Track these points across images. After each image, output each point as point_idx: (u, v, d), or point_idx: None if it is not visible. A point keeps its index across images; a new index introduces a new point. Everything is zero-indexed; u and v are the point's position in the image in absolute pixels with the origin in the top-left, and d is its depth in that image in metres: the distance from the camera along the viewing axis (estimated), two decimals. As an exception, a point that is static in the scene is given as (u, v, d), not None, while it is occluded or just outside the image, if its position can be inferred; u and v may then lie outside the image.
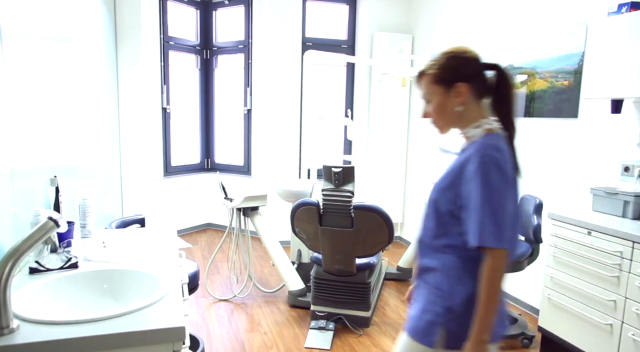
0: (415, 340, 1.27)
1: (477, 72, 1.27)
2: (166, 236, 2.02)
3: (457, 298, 1.23)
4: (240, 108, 5.12)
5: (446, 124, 1.31)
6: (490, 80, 1.28)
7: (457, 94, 1.25)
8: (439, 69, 1.27)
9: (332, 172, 2.75)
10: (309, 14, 4.87)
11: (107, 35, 3.96)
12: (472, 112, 1.27)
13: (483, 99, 1.28)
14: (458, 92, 1.25)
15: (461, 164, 1.23)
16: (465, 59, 1.27)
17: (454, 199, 1.23)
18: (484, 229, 1.15)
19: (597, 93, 2.49)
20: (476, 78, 1.26)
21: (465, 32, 3.98)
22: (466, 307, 1.22)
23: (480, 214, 1.16)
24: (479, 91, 1.27)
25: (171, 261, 1.65)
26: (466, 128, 1.28)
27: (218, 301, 3.39)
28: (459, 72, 1.25)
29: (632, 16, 2.30)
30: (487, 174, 1.16)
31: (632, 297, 2.15)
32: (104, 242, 1.81)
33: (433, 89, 1.29)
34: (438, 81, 1.27)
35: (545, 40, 3.14)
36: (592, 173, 2.85)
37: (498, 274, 1.16)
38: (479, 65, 1.27)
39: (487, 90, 1.28)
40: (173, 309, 1.26)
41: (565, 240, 2.50)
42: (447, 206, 1.24)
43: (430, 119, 1.33)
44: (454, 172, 1.25)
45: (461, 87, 1.24)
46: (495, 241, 1.15)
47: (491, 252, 1.16)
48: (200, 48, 5.19)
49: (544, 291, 2.64)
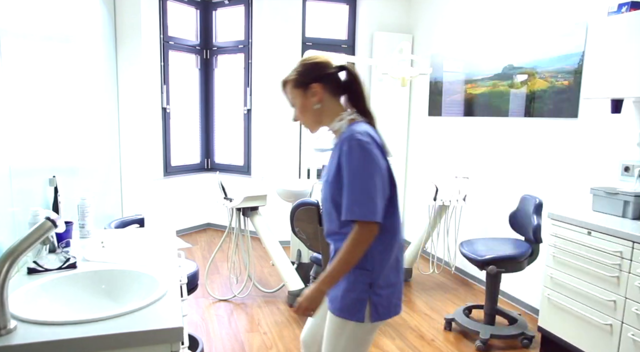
0: (345, 318, 1.40)
1: (328, 73, 1.44)
2: (165, 236, 2.02)
3: (378, 274, 1.40)
4: (240, 108, 5.12)
5: (312, 122, 1.49)
6: (342, 79, 1.46)
7: (313, 93, 1.44)
8: (296, 75, 1.47)
9: (332, 172, 2.74)
10: (309, 13, 4.86)
11: (107, 35, 3.95)
12: (331, 108, 1.46)
13: (340, 97, 1.46)
14: (314, 92, 1.44)
15: (338, 156, 1.38)
16: (316, 64, 1.46)
17: (343, 188, 1.36)
18: (354, 204, 1.31)
19: (597, 93, 2.48)
20: (328, 78, 1.44)
21: (465, 31, 3.97)
22: (386, 281, 1.41)
23: (350, 191, 1.32)
24: (333, 89, 1.45)
25: (170, 261, 1.65)
26: (331, 123, 1.46)
27: (218, 301, 3.39)
28: (312, 74, 1.44)
29: (632, 16, 2.29)
30: (354, 156, 1.32)
31: (632, 297, 2.14)
32: (103, 243, 1.80)
33: (294, 93, 1.48)
34: (296, 85, 1.46)
35: (545, 40, 3.13)
36: (592, 173, 2.85)
37: (361, 246, 1.32)
38: (328, 68, 1.45)
39: (342, 88, 1.46)
40: (171, 309, 1.26)
41: (565, 240, 2.49)
42: (341, 196, 1.37)
43: (299, 121, 1.51)
44: (334, 164, 1.40)
45: (315, 87, 1.43)
46: (362, 215, 1.30)
47: (359, 224, 1.32)
48: (200, 48, 5.19)
49: (544, 291, 2.63)
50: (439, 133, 4.36)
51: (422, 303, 3.43)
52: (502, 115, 3.54)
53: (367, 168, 1.32)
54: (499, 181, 3.60)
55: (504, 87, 3.52)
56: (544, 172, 3.20)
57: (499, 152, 3.61)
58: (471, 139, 3.92)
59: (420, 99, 4.67)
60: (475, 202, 3.86)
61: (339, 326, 1.43)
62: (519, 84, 3.37)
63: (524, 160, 3.36)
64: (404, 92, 4.82)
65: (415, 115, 4.77)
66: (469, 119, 3.93)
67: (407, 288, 3.72)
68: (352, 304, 1.39)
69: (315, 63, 1.46)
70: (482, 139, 3.79)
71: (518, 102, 3.39)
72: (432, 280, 3.92)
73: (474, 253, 2.80)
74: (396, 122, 4.85)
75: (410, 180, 4.92)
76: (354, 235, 1.32)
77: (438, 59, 4.31)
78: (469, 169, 3.94)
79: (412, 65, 4.29)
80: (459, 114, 4.05)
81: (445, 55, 4.20)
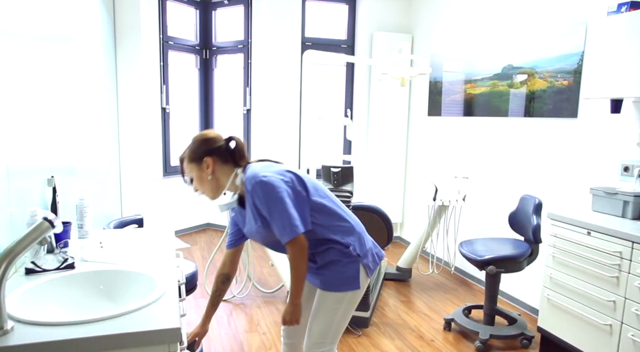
0: (346, 290, 1.66)
1: (217, 147, 1.63)
2: (163, 236, 2.02)
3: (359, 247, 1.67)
4: (239, 108, 5.12)
5: (210, 191, 1.66)
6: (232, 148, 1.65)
7: (207, 166, 1.61)
8: (190, 152, 1.64)
9: (331, 172, 2.74)
10: (309, 13, 4.86)
11: (106, 35, 3.95)
12: (225, 173, 1.64)
13: (231, 162, 1.64)
14: (207, 164, 1.61)
15: (252, 202, 1.57)
16: (206, 139, 1.64)
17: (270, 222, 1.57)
18: (282, 230, 1.52)
19: (596, 93, 2.48)
20: (217, 151, 1.63)
21: (464, 31, 3.97)
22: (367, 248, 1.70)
23: (274, 221, 1.53)
24: (224, 158, 1.63)
25: (168, 262, 1.64)
26: (230, 184, 1.64)
27: (217, 301, 3.38)
28: (203, 149, 1.62)
29: (631, 15, 2.29)
30: (261, 193, 1.52)
31: (632, 297, 2.14)
32: (101, 243, 1.80)
33: (191, 168, 1.64)
34: (191, 161, 1.63)
35: (545, 39, 3.13)
36: (592, 173, 2.85)
37: (300, 259, 1.56)
38: (217, 142, 1.64)
39: (230, 154, 1.64)
40: (169, 310, 1.26)
41: (565, 240, 2.49)
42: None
43: (199, 192, 1.68)
44: (254, 210, 1.58)
45: (207, 160, 1.61)
46: (289, 236, 1.52)
47: (290, 243, 1.53)
48: (199, 48, 5.19)
49: (544, 291, 2.63)
50: (439, 133, 4.36)
51: (421, 303, 3.43)
52: (502, 115, 3.54)
53: (274, 196, 1.51)
54: (499, 181, 3.60)
55: (504, 87, 3.51)
56: (544, 172, 3.19)
57: (498, 152, 3.60)
58: (471, 139, 3.91)
59: (419, 99, 4.67)
60: (474, 202, 3.86)
61: (337, 299, 1.67)
62: (518, 84, 3.37)
63: (524, 160, 3.36)
64: (404, 92, 4.82)
65: (415, 115, 4.77)
66: (469, 119, 3.93)
67: (407, 288, 3.72)
68: (350, 276, 1.65)
69: (205, 139, 1.63)
70: (481, 139, 3.79)
71: (517, 102, 3.39)
72: (431, 280, 3.91)
73: (474, 253, 2.80)
74: (396, 122, 4.85)
75: (409, 180, 4.91)
76: (290, 253, 1.56)
77: (438, 59, 4.30)
78: (468, 169, 3.94)
79: (412, 65, 4.28)
80: (459, 114, 4.04)
81: (445, 55, 4.20)
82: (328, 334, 1.70)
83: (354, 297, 1.70)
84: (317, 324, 1.70)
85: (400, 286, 3.77)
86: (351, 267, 1.66)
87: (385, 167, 4.90)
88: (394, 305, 3.39)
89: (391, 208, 4.93)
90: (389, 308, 3.33)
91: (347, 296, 1.68)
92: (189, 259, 4.29)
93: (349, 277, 1.66)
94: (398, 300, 3.49)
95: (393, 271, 3.88)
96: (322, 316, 1.69)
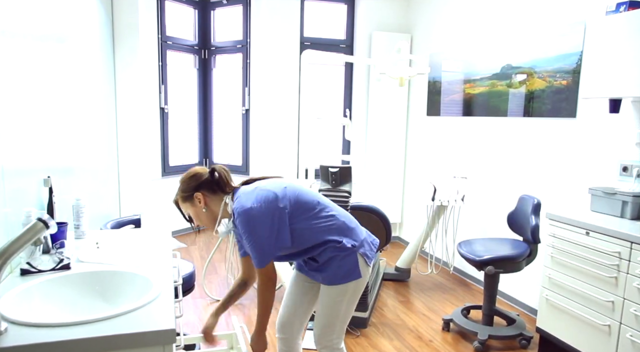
0: (349, 281, 1.72)
1: (203, 181, 1.73)
2: (160, 236, 2.01)
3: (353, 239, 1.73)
4: (238, 108, 5.11)
5: (208, 222, 1.77)
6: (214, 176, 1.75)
7: (199, 200, 1.73)
8: (181, 192, 1.75)
9: (329, 172, 2.73)
10: (308, 13, 4.85)
11: (104, 35, 3.94)
12: (216, 203, 1.75)
13: (219, 191, 1.74)
14: (198, 199, 1.72)
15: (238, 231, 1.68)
16: (191, 177, 1.74)
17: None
18: (255, 259, 1.64)
19: (595, 92, 2.47)
20: (204, 184, 1.73)
21: (463, 31, 3.96)
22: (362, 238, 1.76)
23: (250, 251, 1.64)
24: (212, 190, 1.74)
25: (165, 262, 1.64)
26: (220, 213, 1.74)
27: (215, 301, 3.38)
28: (192, 186, 1.73)
29: (630, 15, 2.28)
30: (242, 224, 1.61)
31: (631, 298, 2.13)
32: (98, 243, 1.79)
33: (186, 206, 1.76)
34: (184, 199, 1.75)
35: (544, 39, 3.12)
36: (591, 173, 2.84)
37: (266, 288, 1.69)
38: (202, 177, 1.74)
39: (217, 184, 1.74)
40: (164, 311, 1.25)
41: (563, 240, 2.48)
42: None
43: (200, 225, 1.80)
44: (240, 238, 1.72)
45: (197, 195, 1.72)
46: (258, 265, 1.64)
47: (259, 272, 1.66)
48: (198, 48, 5.18)
49: (542, 291, 2.62)
50: (438, 133, 4.35)
51: (420, 304, 3.42)
52: (501, 115, 3.53)
53: (253, 229, 1.60)
54: (498, 181, 3.59)
55: (503, 87, 3.51)
56: (543, 172, 3.19)
57: (497, 152, 3.60)
58: (469, 139, 3.91)
59: (418, 99, 4.66)
60: (473, 202, 3.86)
61: (340, 291, 1.73)
62: (517, 83, 3.36)
63: (522, 160, 3.35)
64: (403, 92, 4.81)
65: (414, 115, 4.76)
66: (467, 118, 3.92)
67: (406, 288, 3.71)
68: (350, 268, 1.71)
69: (190, 177, 1.74)
70: (480, 139, 3.78)
71: (516, 102, 3.38)
72: (430, 280, 3.91)
73: (472, 253, 2.79)
74: (395, 122, 4.84)
75: (408, 180, 4.91)
76: (260, 282, 1.68)
77: (437, 59, 4.30)
78: (467, 169, 3.93)
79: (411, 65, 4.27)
80: (458, 114, 4.04)
81: (444, 55, 4.19)
82: (336, 323, 1.78)
83: (357, 287, 1.76)
84: (324, 315, 1.77)
85: (399, 286, 3.76)
86: (349, 259, 1.71)
87: (384, 167, 4.89)
88: (393, 305, 3.38)
89: (390, 208, 4.92)
90: (388, 308, 3.32)
91: (350, 287, 1.73)
92: (187, 259, 4.28)
93: (349, 269, 1.72)
94: (397, 300, 3.48)
95: (392, 271, 3.88)
96: (327, 309, 1.76)
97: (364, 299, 2.94)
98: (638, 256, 2.10)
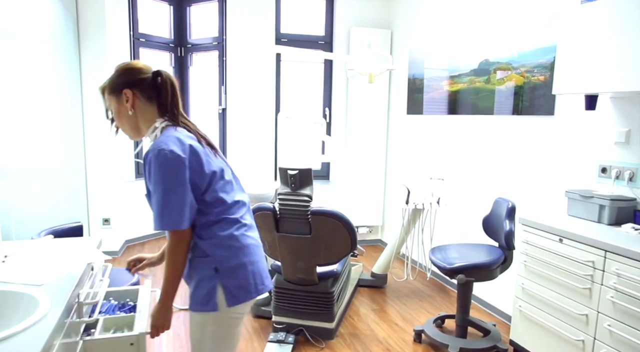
0: (202, 311, 1.41)
1: (140, 79, 1.43)
2: (85, 247, 1.83)
3: (221, 257, 1.41)
4: (215, 107, 4.94)
5: (129, 129, 1.48)
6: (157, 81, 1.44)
7: (126, 99, 1.43)
8: (110, 81, 1.45)
9: (288, 175, 2.56)
10: (285, 9, 4.68)
11: (66, 33, 3.77)
12: (146, 114, 1.45)
13: (156, 103, 1.45)
14: (127, 97, 1.43)
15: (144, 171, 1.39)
16: (128, 69, 1.44)
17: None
18: (162, 217, 1.34)
19: (569, 88, 2.29)
20: (139, 83, 1.43)
21: (444, 26, 3.78)
22: (235, 262, 1.42)
23: (155, 203, 1.35)
24: (148, 96, 1.44)
25: (72, 276, 1.46)
26: (147, 132, 1.46)
27: (178, 310, 3.21)
28: (123, 80, 1.43)
29: (608, 3, 2.09)
30: (155, 168, 1.32)
31: (605, 311, 1.95)
32: (6, 256, 1.62)
33: (110, 99, 1.46)
34: (110, 91, 1.45)
35: (523, 32, 2.94)
36: (569, 174, 2.66)
37: (177, 254, 1.37)
38: (141, 73, 1.44)
39: (156, 93, 1.44)
40: (39, 339, 1.07)
41: (537, 247, 2.31)
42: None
43: (119, 128, 1.51)
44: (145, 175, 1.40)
45: (127, 92, 1.42)
46: (168, 226, 1.35)
47: (170, 234, 1.37)
48: (174, 45, 5.01)
49: (516, 302, 2.45)
50: (416, 132, 4.17)
51: (394, 312, 3.24)
52: (478, 113, 3.35)
53: (168, 180, 1.33)
54: (475, 182, 3.41)
55: (480, 83, 3.32)
56: (520, 173, 3.00)
57: (474, 152, 3.41)
58: (447, 139, 3.72)
59: (399, 97, 4.48)
60: (451, 205, 3.67)
61: (199, 322, 1.44)
62: (494, 80, 3.18)
63: (500, 161, 3.17)
64: (383, 90, 4.64)
65: (394, 113, 4.58)
66: (446, 117, 3.74)
67: (381, 296, 3.53)
68: (204, 294, 1.41)
69: (127, 68, 1.45)
70: (458, 138, 3.60)
71: (493, 100, 3.20)
72: (408, 287, 3.73)
73: (444, 261, 2.61)
74: (375, 122, 4.66)
75: (389, 181, 4.73)
76: (168, 245, 1.38)
77: (417, 55, 4.12)
78: (444, 170, 3.75)
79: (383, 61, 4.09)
80: (437, 112, 3.85)
81: (425, 51, 4.01)
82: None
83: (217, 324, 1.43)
84: (191, 349, 1.50)
85: (374, 293, 3.58)
86: (206, 280, 1.42)
87: (365, 168, 4.71)
88: (365, 314, 3.20)
89: (371, 210, 4.75)
90: (359, 318, 3.14)
91: (209, 320, 1.43)
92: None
93: (204, 294, 1.42)
94: (370, 308, 3.30)
95: (368, 278, 3.70)
96: (191, 340, 1.49)
97: (330, 309, 2.77)
98: (612, 266, 1.92)
